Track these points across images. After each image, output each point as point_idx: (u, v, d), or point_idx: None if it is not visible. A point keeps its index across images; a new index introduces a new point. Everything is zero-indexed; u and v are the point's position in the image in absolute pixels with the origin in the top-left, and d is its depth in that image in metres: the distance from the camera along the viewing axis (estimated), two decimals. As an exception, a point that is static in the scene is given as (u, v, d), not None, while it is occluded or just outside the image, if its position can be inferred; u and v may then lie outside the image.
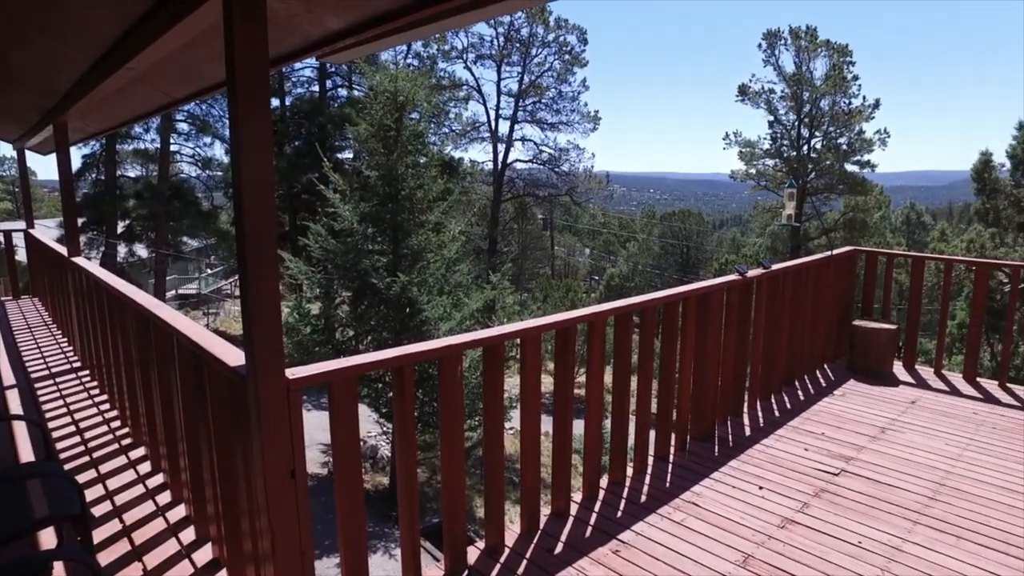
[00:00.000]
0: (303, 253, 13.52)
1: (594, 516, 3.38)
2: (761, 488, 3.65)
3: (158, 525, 3.19)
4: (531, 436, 3.13)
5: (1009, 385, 5.38)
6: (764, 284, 4.69)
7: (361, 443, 15.29)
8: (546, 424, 3.37)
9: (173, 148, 25.80)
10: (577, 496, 3.53)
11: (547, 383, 3.58)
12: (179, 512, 3.29)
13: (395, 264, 12.35)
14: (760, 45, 30.18)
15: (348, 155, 25.66)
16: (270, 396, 1.99)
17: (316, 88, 28.51)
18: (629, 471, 3.79)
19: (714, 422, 4.36)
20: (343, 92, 29.00)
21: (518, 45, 31.35)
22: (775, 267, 4.78)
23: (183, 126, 25.80)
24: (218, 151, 26.72)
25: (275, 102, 26.55)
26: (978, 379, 5.54)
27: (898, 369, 5.83)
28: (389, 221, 12.43)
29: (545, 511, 3.38)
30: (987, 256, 13.58)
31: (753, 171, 30.24)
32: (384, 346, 10.94)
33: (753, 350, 4.72)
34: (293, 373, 2.16)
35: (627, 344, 3.52)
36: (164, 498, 3.44)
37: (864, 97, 28.61)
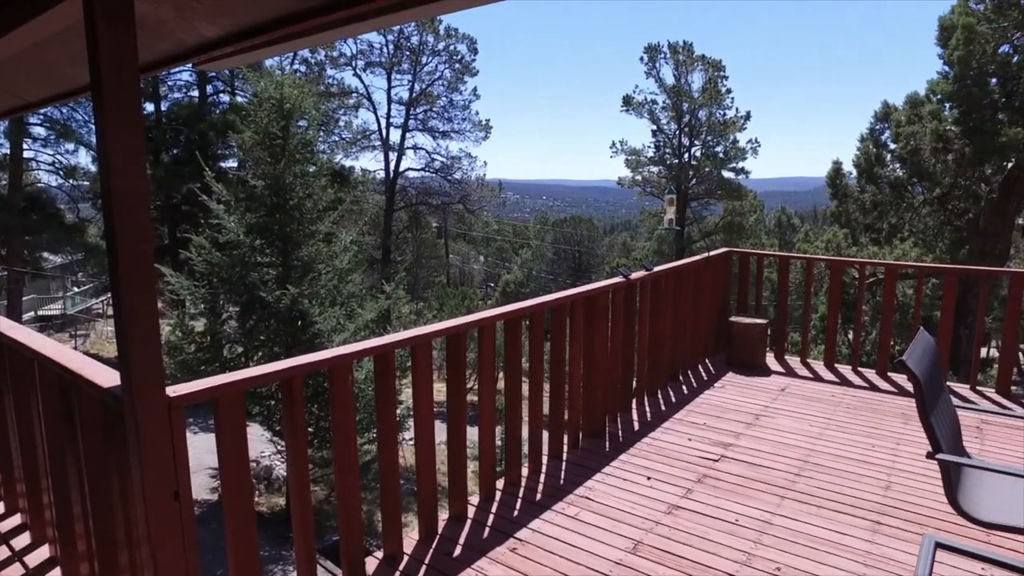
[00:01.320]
0: (185, 267, 12.81)
1: (492, 517, 3.45)
2: (649, 478, 3.86)
3: (15, 572, 2.92)
4: (426, 443, 3.16)
5: (860, 369, 5.96)
6: (647, 285, 4.96)
7: (254, 463, 14.65)
8: (445, 432, 3.42)
9: (28, 155, 23.60)
10: (475, 499, 3.59)
11: (444, 391, 3.62)
12: (42, 554, 3.02)
13: (285, 276, 11.95)
14: (642, 58, 31.69)
15: (232, 164, 24.49)
16: (149, 416, 1.91)
17: (195, 93, 27.08)
18: (525, 471, 3.89)
19: (604, 419, 4.55)
20: (225, 98, 27.71)
21: (408, 53, 31.23)
22: (657, 269, 5.07)
23: (39, 130, 23.65)
24: (84, 159, 24.74)
25: (149, 107, 24.91)
26: (836, 365, 6.10)
27: (770, 360, 6.31)
28: (277, 232, 12.02)
29: (444, 516, 3.41)
30: (841, 255, 15.03)
31: (639, 178, 31.67)
32: (275, 361, 10.54)
33: (639, 348, 4.97)
34: (175, 391, 2.08)
35: (517, 348, 3.63)
36: (22, 540, 3.15)
37: (737, 109, 30.75)
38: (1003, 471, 2.85)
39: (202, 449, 7.16)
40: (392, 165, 32.05)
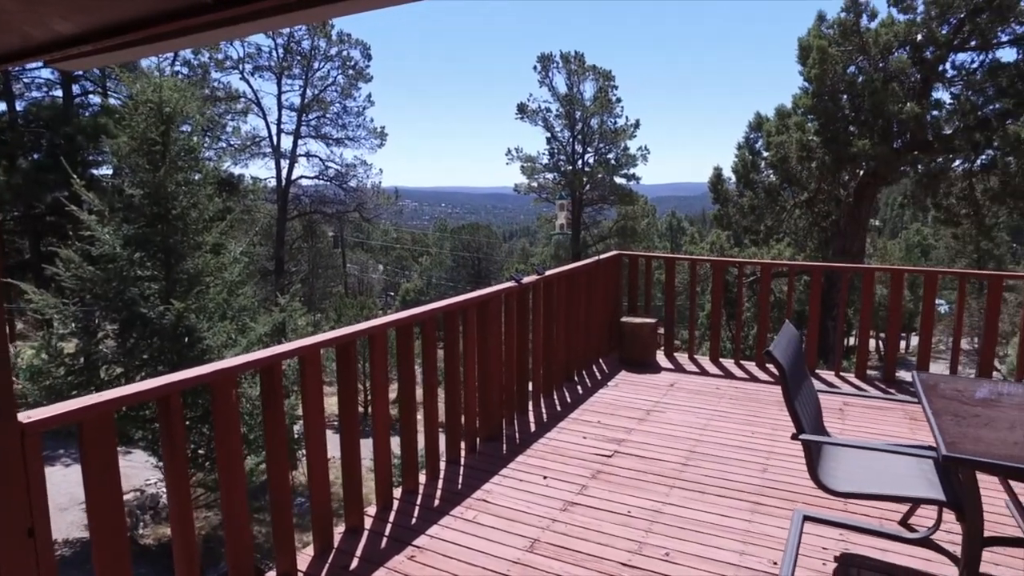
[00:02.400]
0: (52, 284, 11.79)
1: (389, 527, 3.41)
2: (545, 478, 3.94)
3: None
4: (318, 456, 3.08)
5: (742, 362, 6.36)
6: (540, 289, 5.07)
7: (138, 492, 13.67)
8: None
9: None
10: (372, 510, 3.54)
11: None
12: None
13: (169, 290, 11.26)
14: (535, 67, 32.33)
15: (106, 171, 22.77)
16: (-1, 444, 1.76)
17: (59, 93, 24.97)
18: (423, 478, 3.87)
19: (501, 422, 4.61)
20: (96, 99, 25.76)
21: (299, 58, 30.29)
22: (549, 273, 5.19)
23: None
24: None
25: (0, 106, 22.76)
26: (720, 359, 6.47)
27: (661, 357, 6.60)
28: (159, 244, 11.31)
29: (340, 529, 3.34)
30: (724, 255, 16.02)
31: (535, 184, 32.23)
32: (159, 381, 9.89)
33: (534, 351, 5.07)
34: (29, 416, 1.93)
35: (410, 355, 3.61)
36: None
37: (627, 117, 31.97)
38: (853, 445, 3.12)
39: (76, 482, 6.62)
40: (284, 173, 30.94)
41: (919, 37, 13.35)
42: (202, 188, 12.08)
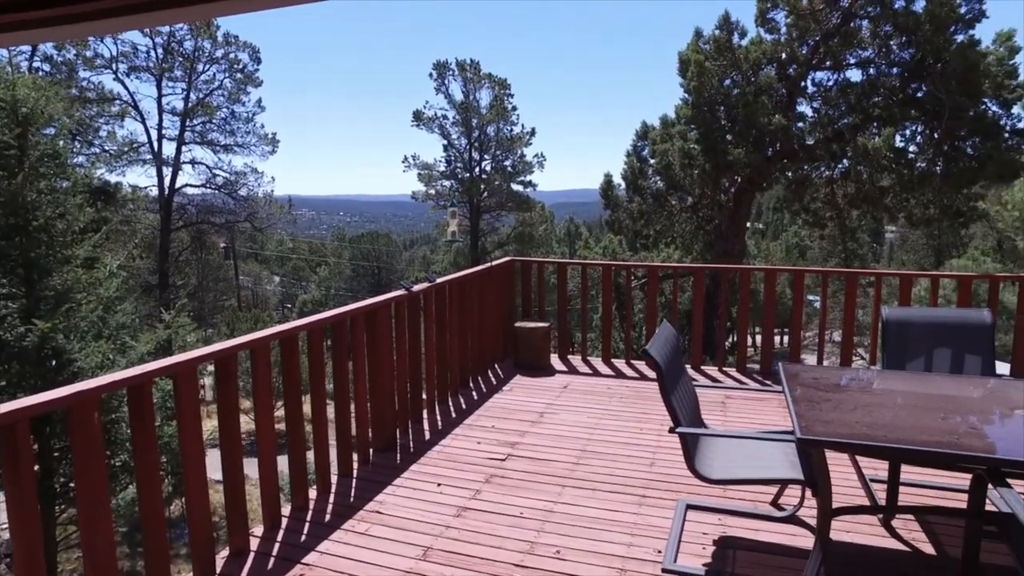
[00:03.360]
0: None
1: (277, 546, 3.29)
2: (439, 485, 3.94)
3: None
4: (197, 479, 2.93)
5: (633, 361, 6.61)
6: (432, 296, 5.06)
7: (-1, 532, 12.41)
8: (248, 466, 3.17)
9: None
10: (259, 530, 3.40)
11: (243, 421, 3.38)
12: None
13: (31, 309, 10.34)
14: (431, 75, 32.27)
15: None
16: None
17: None
18: (313, 494, 3.77)
19: (395, 431, 4.56)
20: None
21: (181, 59, 28.64)
22: (440, 280, 5.19)
23: None
24: None
25: None
26: (612, 360, 6.70)
27: (555, 360, 6.75)
28: (19, 258, 10.37)
29: (224, 554, 3.19)
30: (617, 259, 16.67)
31: (432, 192, 32.11)
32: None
33: (427, 358, 5.05)
34: None
35: (295, 367, 3.51)
36: None
37: (523, 125, 32.50)
38: (724, 435, 3.33)
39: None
40: (167, 181, 29.16)
41: (783, 55, 14.52)
42: (70, 197, 11.22)
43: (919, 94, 13.78)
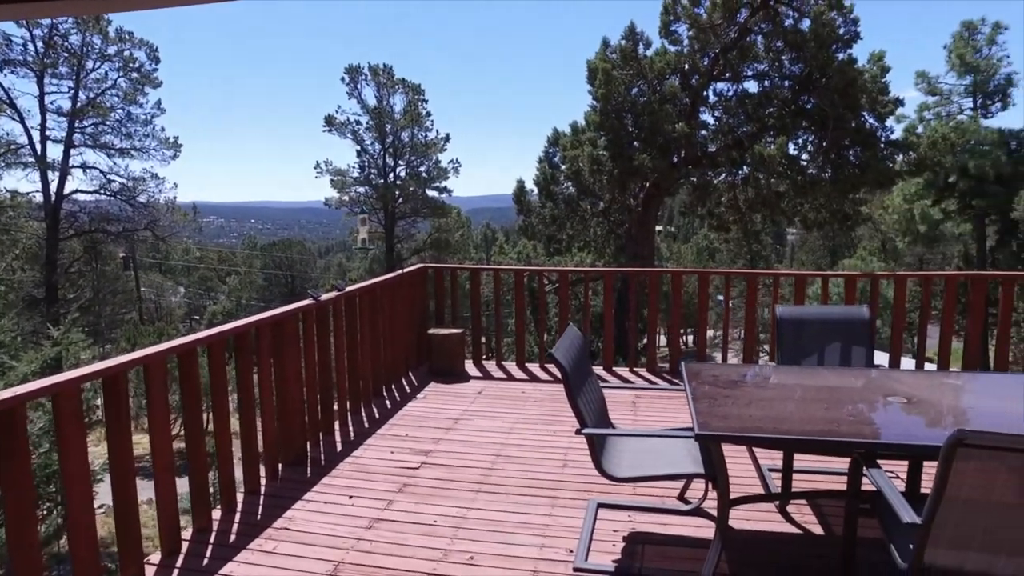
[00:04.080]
0: None
1: (176, 572, 3.13)
2: (351, 497, 3.86)
3: None
4: (81, 508, 2.74)
5: (547, 365, 6.71)
6: (341, 305, 4.96)
7: None
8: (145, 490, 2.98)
9: None
10: (156, 557, 3.23)
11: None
12: None
13: None
14: (343, 79, 31.67)
15: None
16: None
17: None
18: (216, 514, 3.61)
19: (305, 444, 4.44)
20: None
21: (67, 55, 26.74)
22: (350, 288, 5.10)
23: None
24: None
25: None
26: (527, 364, 6.77)
27: (470, 366, 6.75)
28: None
29: (117, 584, 3.00)
30: (531, 264, 16.93)
31: (346, 198, 31.49)
32: None
33: (338, 368, 4.95)
34: None
35: (194, 383, 3.36)
36: None
37: (437, 131, 32.40)
38: (629, 434, 3.43)
39: None
40: (53, 186, 27.15)
41: (686, 66, 15.22)
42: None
43: (808, 105, 14.76)
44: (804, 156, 15.29)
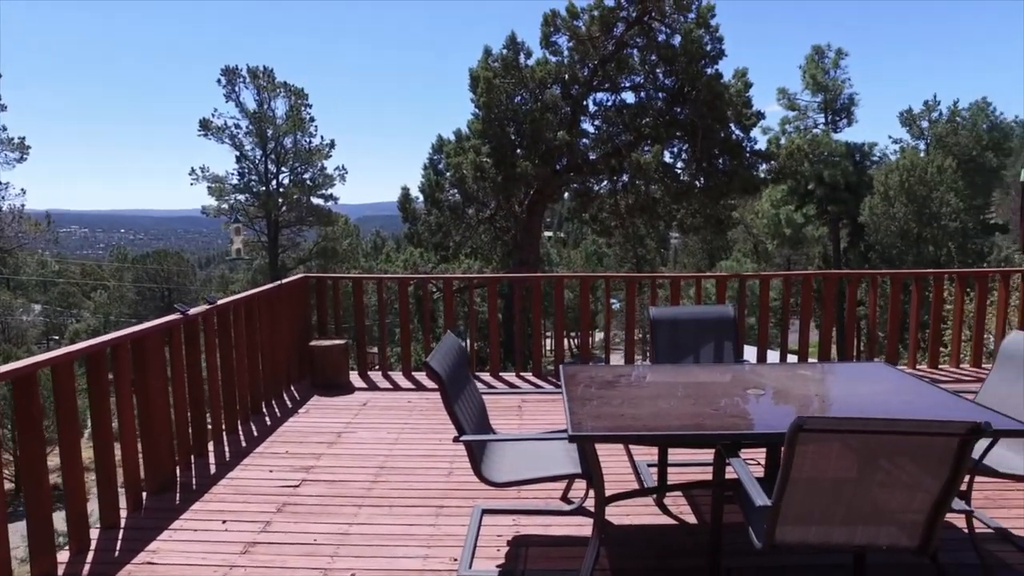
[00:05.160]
0: None
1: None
2: (225, 522, 3.65)
3: None
4: None
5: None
6: (213, 319, 4.70)
7: None
8: None
9: None
10: (-9, 608, 2.90)
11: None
12: None
13: None
14: (220, 80, 30.10)
15: None
16: None
17: None
18: (64, 556, 3.29)
19: (175, 469, 4.16)
20: None
21: None
22: (223, 301, 4.84)
23: None
24: None
25: None
26: (413, 373, 6.70)
27: (355, 377, 6.59)
28: None
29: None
30: (418, 271, 16.87)
31: (226, 206, 29.88)
32: None
33: (211, 386, 4.68)
34: None
35: (36, 410, 3.05)
36: None
37: (322, 137, 31.48)
38: (506, 439, 3.47)
39: None
40: None
41: (566, 76, 15.72)
42: None
43: (681, 116, 15.65)
44: (679, 164, 16.22)
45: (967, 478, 2.96)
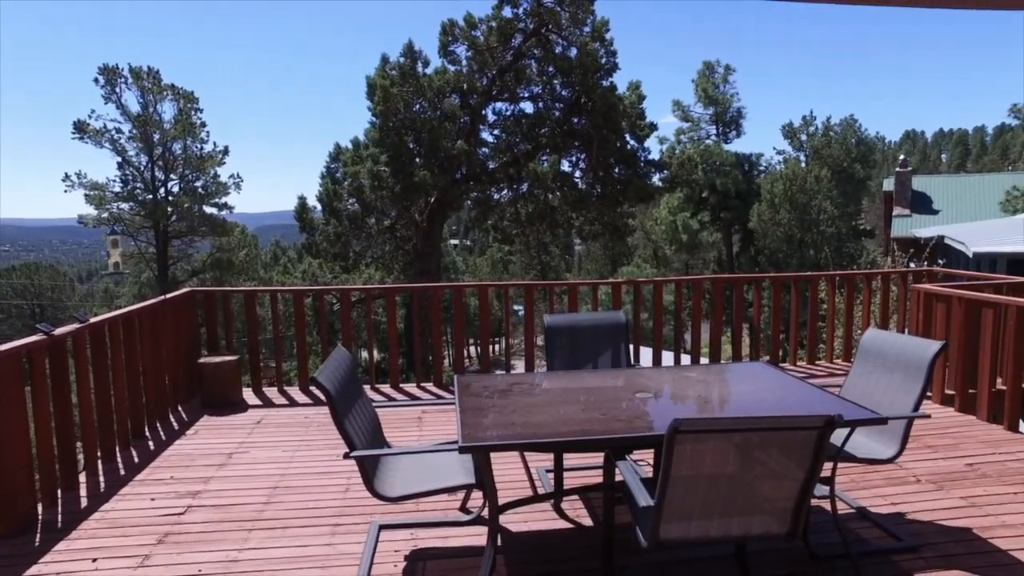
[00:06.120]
0: None
1: None
2: (95, 560, 3.39)
3: None
4: None
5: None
6: (85, 339, 4.38)
7: None
8: None
9: None
10: None
11: None
12: None
13: None
14: (97, 80, 28.15)
15: None
16: None
17: None
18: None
19: (35, 506, 3.83)
20: None
21: None
22: (96, 319, 4.52)
23: None
24: None
25: None
26: (311, 388, 6.49)
27: (248, 394, 6.32)
28: None
29: None
30: (317, 282, 16.45)
31: (107, 215, 27.88)
32: None
33: (83, 412, 4.35)
34: None
35: None
36: None
37: (215, 143, 30.06)
38: (397, 452, 3.42)
39: None
40: None
41: (465, 86, 15.81)
42: None
43: (578, 126, 16.10)
44: (577, 173, 16.67)
45: (831, 465, 3.20)
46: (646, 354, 7.57)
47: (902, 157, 33.91)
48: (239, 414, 5.77)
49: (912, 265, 13.75)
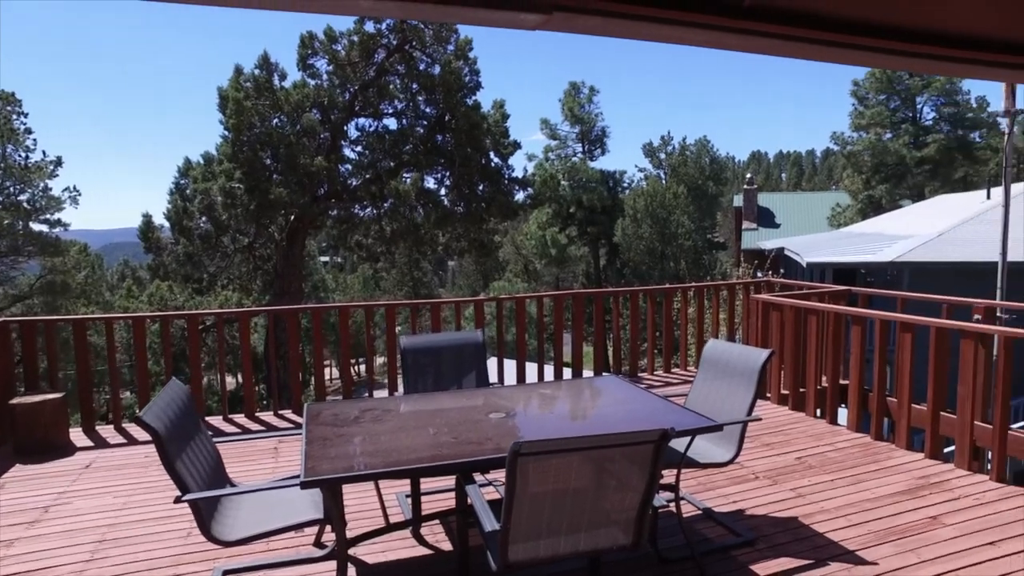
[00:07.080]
0: None
1: None
2: None
3: None
4: None
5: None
6: None
7: None
8: None
9: None
10: None
11: None
12: None
13: None
14: None
15: None
16: None
17: None
18: None
19: None
20: None
21: None
22: None
23: None
24: None
25: None
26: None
27: (78, 436, 5.68)
28: None
29: None
30: (168, 307, 15.27)
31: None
32: None
33: None
34: None
35: None
36: None
37: (44, 152, 27.05)
38: (232, 493, 3.16)
39: None
40: None
41: (325, 101, 15.39)
42: None
43: (442, 144, 16.16)
44: (442, 191, 16.70)
45: (675, 471, 3.37)
46: (511, 369, 7.65)
47: (749, 176, 37.20)
48: (63, 459, 5.17)
49: (759, 275, 14.99)
